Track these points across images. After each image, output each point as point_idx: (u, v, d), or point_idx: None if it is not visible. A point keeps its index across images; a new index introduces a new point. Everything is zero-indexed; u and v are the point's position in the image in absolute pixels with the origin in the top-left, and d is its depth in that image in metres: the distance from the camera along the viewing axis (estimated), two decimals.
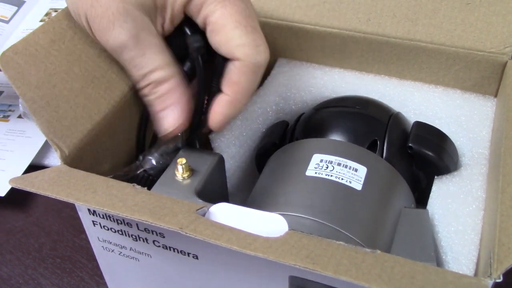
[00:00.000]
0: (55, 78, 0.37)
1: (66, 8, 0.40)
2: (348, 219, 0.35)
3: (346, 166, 0.38)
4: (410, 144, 0.41)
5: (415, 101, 0.47)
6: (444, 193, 0.40)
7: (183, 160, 0.37)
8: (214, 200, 0.33)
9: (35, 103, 0.35)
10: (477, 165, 0.41)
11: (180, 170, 0.38)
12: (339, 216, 0.35)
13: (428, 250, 0.34)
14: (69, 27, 0.39)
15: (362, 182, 0.37)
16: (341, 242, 0.28)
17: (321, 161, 0.38)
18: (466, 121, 0.45)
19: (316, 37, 0.50)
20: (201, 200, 0.36)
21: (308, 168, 0.38)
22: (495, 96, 0.47)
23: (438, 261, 0.36)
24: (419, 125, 0.43)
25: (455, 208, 0.38)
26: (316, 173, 0.37)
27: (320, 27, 0.49)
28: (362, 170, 0.38)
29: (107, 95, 0.40)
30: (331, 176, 0.37)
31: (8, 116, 0.64)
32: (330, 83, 0.50)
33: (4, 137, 0.61)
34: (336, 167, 0.37)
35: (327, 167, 0.37)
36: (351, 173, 0.37)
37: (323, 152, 0.39)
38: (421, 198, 0.42)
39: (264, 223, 0.30)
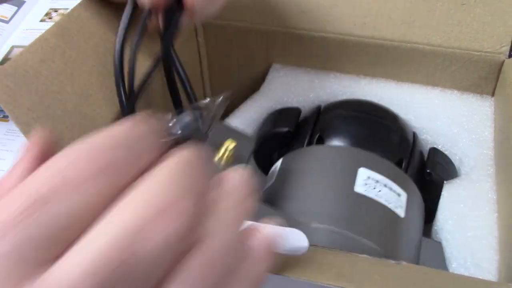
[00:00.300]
0: (48, 99, 0.35)
1: (52, 27, 0.38)
2: (393, 246, 0.34)
3: (391, 189, 0.36)
4: (429, 171, 0.41)
5: (415, 103, 0.47)
6: (454, 198, 0.39)
7: (233, 144, 0.34)
8: None
9: (30, 127, 0.34)
10: (483, 167, 0.41)
11: (226, 154, 0.34)
12: (386, 242, 0.33)
13: None
14: (57, 45, 0.37)
15: (404, 209, 0.36)
16: (365, 255, 0.27)
17: (368, 178, 0.36)
18: (467, 122, 0.45)
19: (311, 42, 0.49)
20: None
21: (357, 183, 0.36)
22: (492, 95, 0.47)
23: None
24: (435, 152, 0.43)
25: (468, 213, 0.38)
26: (365, 190, 0.35)
27: (315, 32, 0.48)
28: (403, 196, 0.37)
29: (103, 112, 0.39)
30: (381, 197, 0.35)
31: (8, 116, 0.63)
32: (328, 87, 0.49)
33: (4, 137, 0.60)
34: (383, 188, 0.36)
35: (374, 187, 0.36)
36: (396, 198, 0.36)
37: (368, 167, 0.37)
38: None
39: (283, 240, 0.29)
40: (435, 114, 0.46)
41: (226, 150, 0.34)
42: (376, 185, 0.36)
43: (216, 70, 0.54)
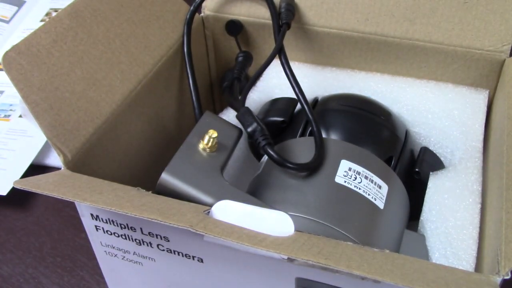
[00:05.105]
0: (57, 80, 0.37)
1: (67, 7, 0.39)
2: (370, 236, 0.35)
3: (372, 181, 0.37)
4: (418, 170, 0.41)
5: (408, 96, 0.48)
6: (440, 189, 0.40)
7: (215, 133, 0.36)
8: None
9: (38, 106, 0.35)
10: (471, 159, 0.42)
11: (208, 142, 0.36)
12: (362, 232, 0.34)
13: None
14: (70, 27, 0.39)
15: (384, 201, 0.37)
16: (349, 242, 0.28)
17: (350, 169, 0.37)
18: (459, 115, 0.45)
19: (314, 37, 0.50)
20: (226, 180, 0.35)
21: (337, 174, 0.37)
22: (494, 93, 0.47)
23: None
24: (426, 151, 0.43)
25: (452, 203, 0.39)
26: (345, 181, 0.36)
27: (319, 27, 0.49)
28: (384, 188, 0.37)
29: (108, 98, 0.40)
30: (359, 189, 0.36)
31: (9, 115, 0.64)
32: (322, 81, 0.50)
33: (6, 137, 0.61)
34: (363, 180, 0.37)
35: (355, 178, 0.37)
36: (376, 190, 0.37)
37: (351, 160, 0.37)
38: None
39: (270, 222, 0.30)
40: (428, 107, 0.47)
41: (209, 138, 0.37)
42: (357, 176, 0.37)
43: (223, 63, 0.55)
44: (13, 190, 0.53)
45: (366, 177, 0.37)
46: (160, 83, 0.45)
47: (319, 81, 0.50)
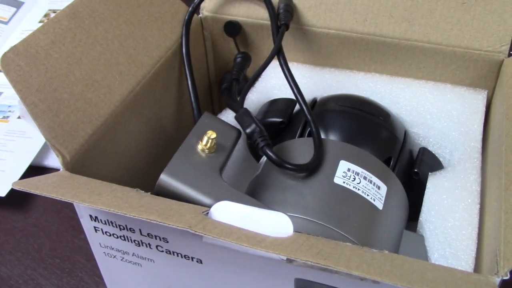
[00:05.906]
0: (56, 81, 0.37)
1: (66, 8, 0.39)
2: (369, 237, 0.35)
3: (371, 182, 0.37)
4: (416, 171, 0.41)
5: (406, 97, 0.48)
6: (439, 189, 0.40)
7: (213, 134, 0.37)
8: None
9: (37, 107, 0.35)
10: (469, 159, 0.42)
11: (207, 143, 0.37)
12: (361, 232, 0.34)
13: None
14: (69, 28, 0.39)
15: (383, 202, 0.37)
16: (348, 243, 0.28)
17: (349, 170, 0.37)
18: (457, 115, 0.46)
19: (313, 38, 0.50)
20: (225, 181, 0.35)
21: (336, 175, 0.37)
22: (492, 94, 0.47)
23: None
24: (424, 151, 0.43)
25: (451, 204, 0.39)
26: (344, 182, 0.36)
27: (317, 28, 0.49)
28: (383, 189, 0.37)
29: (107, 99, 0.40)
30: (358, 189, 0.36)
31: (8, 116, 0.64)
32: (321, 82, 0.50)
33: (4, 138, 0.61)
34: (362, 180, 0.37)
35: (354, 179, 0.37)
36: (375, 190, 0.37)
37: (350, 160, 0.37)
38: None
39: (269, 223, 0.30)
40: (426, 107, 0.47)
41: (208, 139, 0.37)
42: (355, 177, 0.37)
43: (221, 64, 0.55)
44: (12, 191, 0.54)
45: (365, 178, 0.37)
46: (158, 84, 0.45)
47: (318, 82, 0.50)
